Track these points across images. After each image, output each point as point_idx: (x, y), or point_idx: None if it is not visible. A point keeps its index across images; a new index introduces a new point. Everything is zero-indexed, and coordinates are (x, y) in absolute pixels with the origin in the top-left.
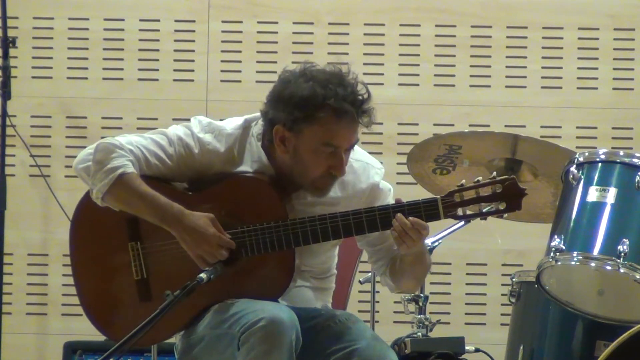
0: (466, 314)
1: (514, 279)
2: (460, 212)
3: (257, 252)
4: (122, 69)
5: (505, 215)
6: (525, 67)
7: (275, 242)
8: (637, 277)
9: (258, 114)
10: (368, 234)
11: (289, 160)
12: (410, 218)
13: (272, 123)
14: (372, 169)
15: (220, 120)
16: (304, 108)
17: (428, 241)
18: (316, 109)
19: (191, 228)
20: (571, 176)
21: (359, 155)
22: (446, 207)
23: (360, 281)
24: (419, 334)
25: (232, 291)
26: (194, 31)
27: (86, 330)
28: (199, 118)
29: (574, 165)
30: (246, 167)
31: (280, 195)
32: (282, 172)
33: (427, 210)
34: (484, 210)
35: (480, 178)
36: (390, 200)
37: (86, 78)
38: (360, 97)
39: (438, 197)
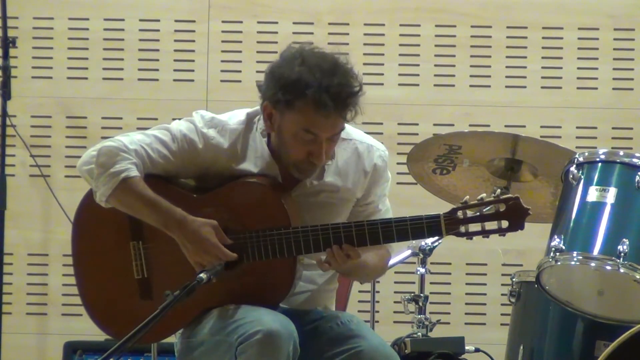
0: (466, 314)
1: (514, 279)
2: (462, 229)
3: (258, 258)
4: (122, 69)
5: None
6: (525, 67)
7: (277, 249)
8: (637, 277)
9: (259, 107)
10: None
11: (274, 137)
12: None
13: (263, 97)
14: (376, 151)
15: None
16: (286, 92)
17: (428, 241)
18: (296, 96)
19: (193, 235)
20: (571, 176)
21: (364, 138)
22: (449, 225)
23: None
24: (419, 334)
25: (232, 295)
26: (194, 31)
27: (86, 330)
28: (202, 112)
29: (574, 165)
30: (249, 164)
31: (284, 195)
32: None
33: (430, 227)
34: (487, 228)
35: (483, 195)
36: (386, 192)
37: (86, 78)
38: (346, 90)
39: (441, 214)
